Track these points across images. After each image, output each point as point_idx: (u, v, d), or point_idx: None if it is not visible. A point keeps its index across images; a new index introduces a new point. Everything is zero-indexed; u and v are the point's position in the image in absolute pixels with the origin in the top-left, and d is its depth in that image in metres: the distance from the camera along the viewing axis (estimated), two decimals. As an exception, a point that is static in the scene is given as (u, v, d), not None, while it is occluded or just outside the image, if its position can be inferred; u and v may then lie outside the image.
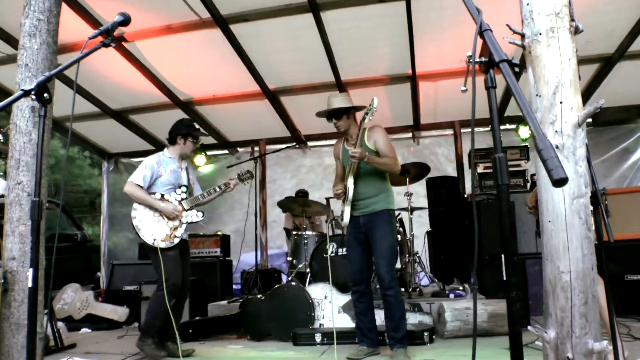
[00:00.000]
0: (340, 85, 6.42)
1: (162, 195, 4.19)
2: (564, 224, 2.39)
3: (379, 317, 4.08)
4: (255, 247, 6.31)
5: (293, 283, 5.22)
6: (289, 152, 8.29)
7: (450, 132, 7.43)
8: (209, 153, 7.93)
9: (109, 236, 8.75)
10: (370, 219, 3.78)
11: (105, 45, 2.23)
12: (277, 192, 9.32)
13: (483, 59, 1.38)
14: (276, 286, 5.09)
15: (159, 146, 8.06)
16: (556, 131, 2.46)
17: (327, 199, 7.84)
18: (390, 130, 7.52)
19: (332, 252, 5.37)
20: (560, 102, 2.46)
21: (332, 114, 3.93)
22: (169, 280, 4.00)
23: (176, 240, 4.14)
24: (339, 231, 7.33)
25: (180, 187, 4.29)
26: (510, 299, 1.39)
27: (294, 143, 7.17)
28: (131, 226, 4.09)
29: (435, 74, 6.28)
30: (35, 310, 1.90)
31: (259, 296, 5.03)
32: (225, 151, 8.60)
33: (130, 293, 6.19)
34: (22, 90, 1.89)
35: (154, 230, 4.10)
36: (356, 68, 6.15)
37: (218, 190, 4.44)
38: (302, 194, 7.51)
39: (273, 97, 6.75)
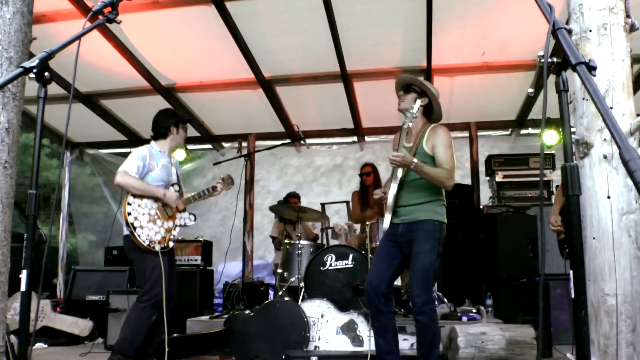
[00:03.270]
0: (345, 77, 6.48)
1: None
2: (610, 241, 2.48)
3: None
4: (242, 257, 6.33)
5: (286, 298, 5.26)
6: (276, 149, 8.32)
7: (465, 134, 7.52)
8: (190, 147, 7.93)
9: (67, 237, 8.70)
10: (411, 229, 3.75)
11: (109, 20, 2.27)
12: (260, 195, 9.37)
13: (555, 59, 1.44)
14: (267, 301, 5.10)
15: (132, 137, 8.05)
16: (605, 139, 2.56)
17: (322, 205, 7.91)
18: (393, 130, 7.64)
19: (330, 265, 5.42)
20: (611, 108, 2.55)
21: (405, 85, 3.92)
22: (152, 292, 4.02)
23: (171, 244, 4.23)
24: (334, 241, 7.42)
25: (172, 185, 4.38)
26: (580, 320, 1.46)
27: (290, 140, 7.18)
28: (124, 223, 4.09)
29: (452, 69, 6.37)
30: (27, 318, 1.92)
31: (246, 312, 5.04)
32: (209, 146, 8.61)
33: (94, 304, 6.15)
34: (21, 67, 1.91)
35: (150, 230, 4.13)
36: (364, 57, 6.21)
37: (207, 193, 4.55)
38: (294, 197, 7.56)
39: (268, 86, 6.78)
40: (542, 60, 1.44)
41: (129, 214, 4.09)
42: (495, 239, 5.93)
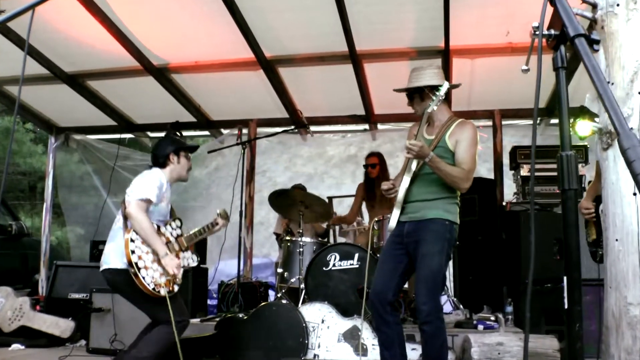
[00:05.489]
0: (354, 57, 6.40)
1: (158, 227, 4.16)
2: (635, 244, 2.40)
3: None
4: (238, 254, 6.29)
5: (283, 301, 5.23)
6: (284, 137, 8.27)
7: (487, 122, 7.41)
8: (185, 134, 7.89)
9: (52, 230, 8.72)
10: (418, 228, 3.71)
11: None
12: (266, 187, 9.29)
13: (553, 31, 1.36)
14: (262, 304, 5.09)
15: (122, 122, 8.05)
16: (631, 128, 2.46)
17: (330, 199, 7.84)
18: (408, 118, 7.55)
19: (333, 265, 5.38)
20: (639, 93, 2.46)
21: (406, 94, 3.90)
22: (184, 315, 4.12)
23: (176, 288, 4.10)
24: (342, 239, 7.36)
25: (174, 220, 4.35)
26: (573, 333, 1.39)
27: (293, 127, 7.12)
28: (128, 262, 3.90)
29: (473, 50, 6.27)
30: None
31: (240, 315, 5.04)
32: (206, 132, 8.58)
33: (77, 302, 6.17)
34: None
35: (154, 271, 4.01)
36: (375, 36, 6.12)
37: (207, 230, 4.55)
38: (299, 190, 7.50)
39: (269, 67, 6.72)
40: (537, 33, 1.37)
41: (133, 252, 3.91)
42: (519, 239, 5.86)
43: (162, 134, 7.67)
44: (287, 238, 5.91)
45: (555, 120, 7.47)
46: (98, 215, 8.11)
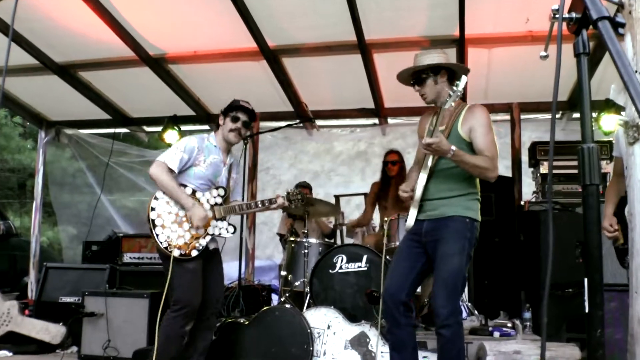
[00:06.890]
0: (363, 47, 6.40)
1: (194, 192, 4.32)
2: (663, 245, 2.37)
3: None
4: (239, 256, 6.30)
5: (287, 306, 5.22)
6: (289, 132, 8.26)
7: (505, 117, 7.39)
8: (183, 128, 7.93)
9: (43, 230, 8.73)
10: (437, 227, 3.68)
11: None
12: (269, 185, 9.32)
13: (574, 15, 1.34)
14: (264, 309, 5.09)
15: (116, 115, 8.07)
16: (660, 121, 2.45)
17: (337, 197, 7.83)
18: (420, 112, 7.50)
19: (340, 267, 5.37)
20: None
21: (414, 78, 3.84)
22: (182, 301, 4.13)
23: (194, 253, 4.22)
24: (350, 240, 7.35)
25: (217, 188, 4.42)
26: (594, 340, 1.38)
27: (298, 121, 7.12)
28: (146, 218, 4.22)
29: (490, 39, 6.24)
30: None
31: (241, 320, 5.04)
32: (206, 126, 8.57)
33: (68, 306, 6.17)
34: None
35: (172, 232, 4.21)
36: (385, 25, 6.11)
37: (260, 205, 4.62)
38: (304, 188, 7.49)
39: (273, 57, 6.73)
40: (557, 16, 1.35)
41: (153, 209, 4.22)
42: (538, 240, 5.82)
43: (159, 129, 7.71)
44: (292, 239, 5.91)
45: (578, 114, 7.42)
46: (91, 214, 8.12)
